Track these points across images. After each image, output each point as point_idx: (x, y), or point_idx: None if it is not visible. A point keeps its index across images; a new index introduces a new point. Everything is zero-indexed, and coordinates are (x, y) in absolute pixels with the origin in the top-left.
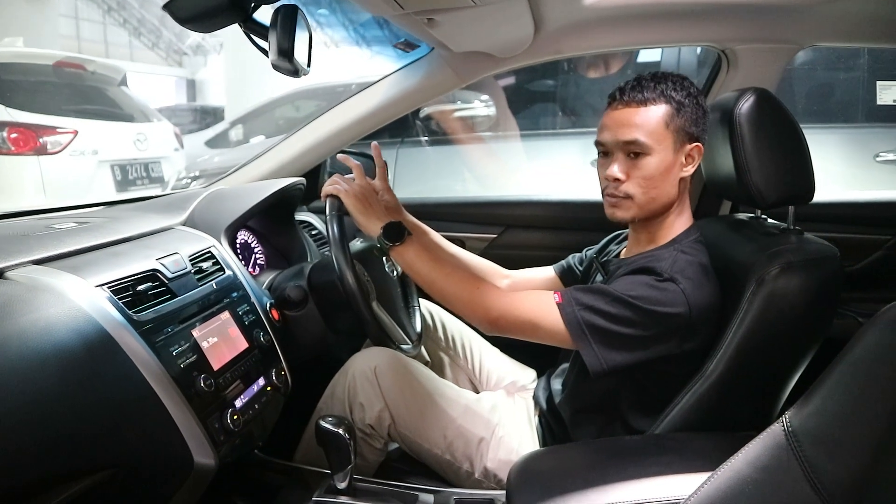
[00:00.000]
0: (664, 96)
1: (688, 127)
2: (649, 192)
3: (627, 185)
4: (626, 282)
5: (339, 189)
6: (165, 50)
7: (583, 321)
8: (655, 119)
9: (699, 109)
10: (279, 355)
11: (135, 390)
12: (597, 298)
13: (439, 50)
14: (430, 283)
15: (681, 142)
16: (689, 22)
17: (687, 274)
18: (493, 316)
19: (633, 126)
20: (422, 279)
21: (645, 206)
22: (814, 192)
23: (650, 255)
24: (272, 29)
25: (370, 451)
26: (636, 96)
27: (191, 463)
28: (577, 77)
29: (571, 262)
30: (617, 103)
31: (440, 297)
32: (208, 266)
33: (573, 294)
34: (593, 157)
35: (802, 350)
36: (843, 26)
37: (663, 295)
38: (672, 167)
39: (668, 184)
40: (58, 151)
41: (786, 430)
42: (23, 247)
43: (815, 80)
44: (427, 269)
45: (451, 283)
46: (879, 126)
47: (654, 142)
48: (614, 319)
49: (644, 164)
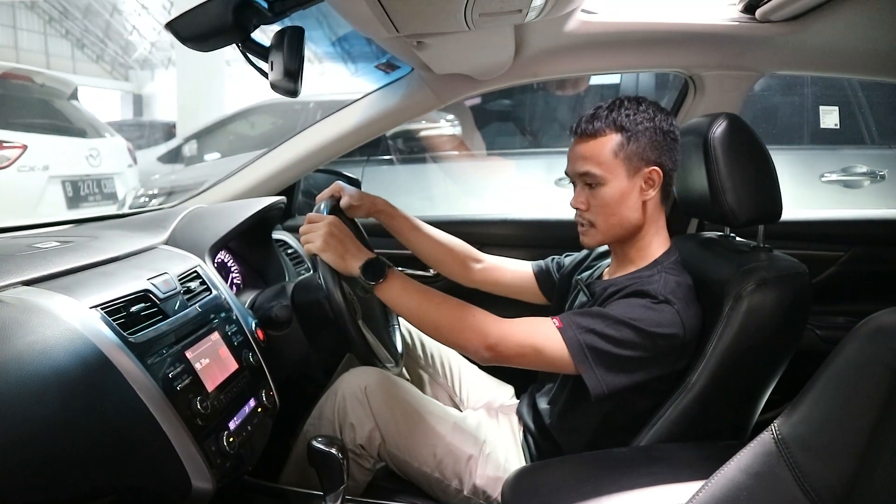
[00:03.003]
0: (614, 126)
1: (642, 153)
2: (609, 220)
3: (589, 213)
4: (622, 305)
5: (312, 248)
6: (110, 63)
7: (585, 345)
8: (604, 150)
9: (657, 133)
10: (267, 376)
11: (133, 414)
12: (597, 322)
13: (420, 71)
14: (420, 316)
15: (634, 168)
16: (660, 49)
17: (678, 295)
18: (491, 342)
19: (584, 159)
20: (411, 313)
21: (608, 232)
22: (781, 212)
23: (636, 277)
24: (277, 50)
25: (359, 472)
26: (588, 128)
27: (189, 487)
28: (546, 96)
29: (550, 266)
30: (574, 136)
31: (433, 328)
32: (195, 286)
33: (573, 318)
34: (557, 175)
35: (777, 361)
36: (800, 56)
37: (661, 317)
38: (629, 193)
39: (628, 209)
40: (5, 167)
41: (775, 438)
42: (10, 267)
43: (766, 105)
44: (416, 303)
45: (444, 313)
46: (824, 148)
47: (605, 171)
48: (616, 342)
49: (600, 194)
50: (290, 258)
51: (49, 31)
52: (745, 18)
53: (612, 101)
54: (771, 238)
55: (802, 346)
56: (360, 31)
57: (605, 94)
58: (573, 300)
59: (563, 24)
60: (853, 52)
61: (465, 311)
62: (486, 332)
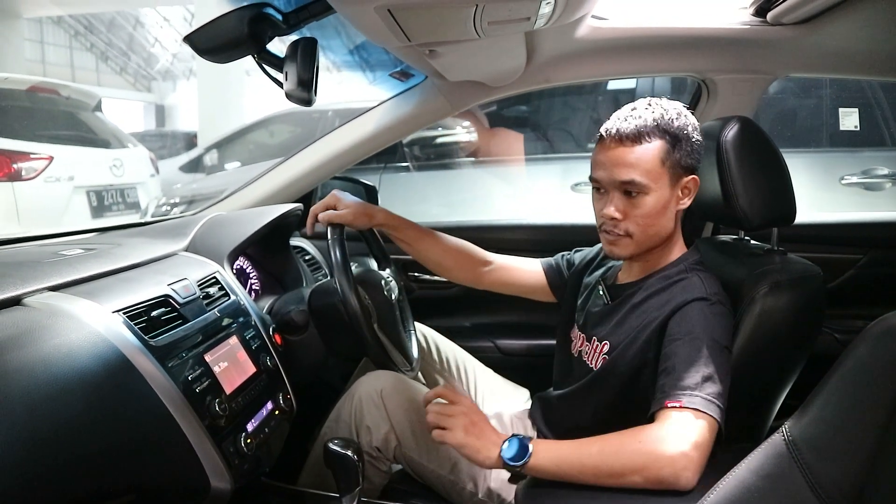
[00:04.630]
0: (661, 131)
1: (683, 161)
2: (647, 231)
3: (626, 223)
4: (696, 322)
5: (450, 438)
6: (133, 75)
7: (714, 399)
8: (651, 157)
9: (695, 141)
10: (284, 379)
11: (153, 415)
12: (700, 369)
13: (433, 78)
14: (590, 473)
15: (677, 177)
16: (673, 53)
17: (720, 294)
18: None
19: (628, 166)
20: (577, 471)
21: (643, 244)
22: (795, 214)
23: (665, 278)
24: (291, 60)
25: (375, 474)
26: (631, 132)
27: (207, 487)
28: (562, 101)
29: (560, 264)
30: (610, 140)
31: (608, 478)
32: (214, 291)
33: (686, 385)
34: (573, 181)
35: (791, 365)
36: (814, 58)
37: (728, 321)
38: (669, 203)
39: (666, 219)
40: (32, 178)
41: (786, 439)
42: (37, 273)
43: (783, 107)
44: (576, 456)
45: (611, 454)
46: (843, 150)
47: (650, 181)
48: (722, 373)
49: (642, 203)
50: (308, 264)
51: (74, 44)
52: (757, 22)
53: (647, 102)
54: (787, 241)
55: (820, 350)
56: (373, 41)
57: (621, 98)
58: (586, 300)
59: (573, 31)
60: (867, 54)
61: (627, 443)
62: (660, 464)
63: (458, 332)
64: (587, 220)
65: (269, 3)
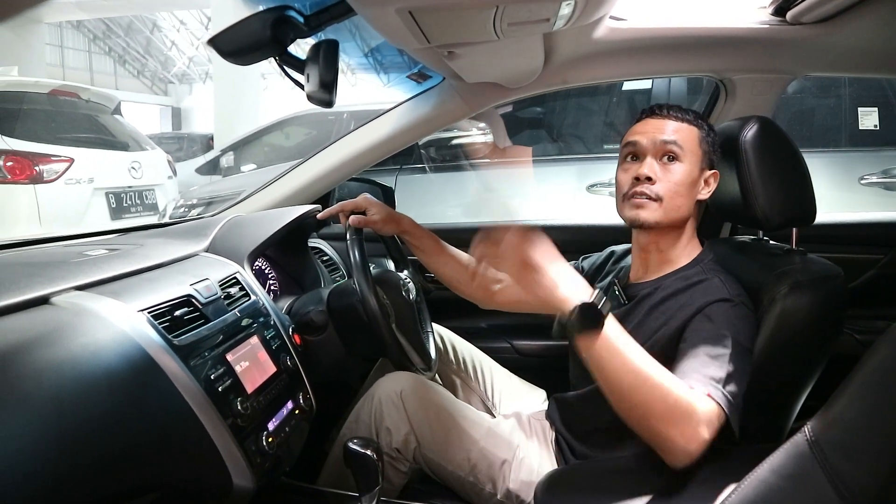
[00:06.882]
0: (699, 120)
1: (711, 153)
2: (675, 199)
3: (658, 185)
4: (722, 324)
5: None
6: (150, 78)
7: (730, 397)
8: (691, 134)
9: (718, 144)
10: (304, 379)
11: (177, 413)
12: (723, 364)
13: (450, 80)
14: (640, 381)
15: (706, 164)
16: (690, 53)
17: (743, 295)
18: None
19: (675, 131)
20: (626, 370)
21: (669, 213)
22: (815, 214)
23: (683, 277)
24: (313, 62)
25: (395, 475)
26: (674, 113)
27: (230, 485)
28: (578, 103)
29: None
30: (654, 115)
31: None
32: (235, 292)
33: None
34: (589, 181)
35: (812, 365)
36: (833, 57)
37: (751, 323)
38: (696, 183)
39: (690, 198)
40: (53, 179)
41: (808, 440)
42: (64, 273)
43: (802, 107)
44: (637, 355)
45: (659, 384)
46: (863, 150)
47: (688, 151)
48: (740, 370)
49: (676, 169)
50: (326, 265)
51: (93, 48)
52: (776, 21)
53: (677, 106)
54: (807, 242)
55: (841, 351)
56: (392, 43)
57: (637, 99)
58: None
59: (592, 32)
60: (887, 52)
61: (677, 388)
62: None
63: (475, 333)
64: (602, 220)
65: (292, 6)
